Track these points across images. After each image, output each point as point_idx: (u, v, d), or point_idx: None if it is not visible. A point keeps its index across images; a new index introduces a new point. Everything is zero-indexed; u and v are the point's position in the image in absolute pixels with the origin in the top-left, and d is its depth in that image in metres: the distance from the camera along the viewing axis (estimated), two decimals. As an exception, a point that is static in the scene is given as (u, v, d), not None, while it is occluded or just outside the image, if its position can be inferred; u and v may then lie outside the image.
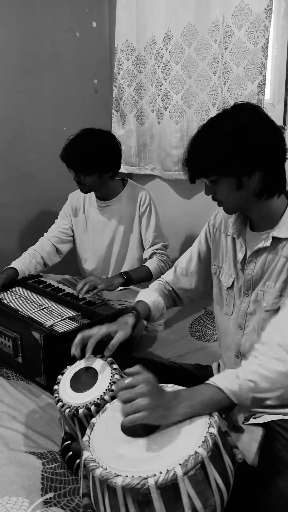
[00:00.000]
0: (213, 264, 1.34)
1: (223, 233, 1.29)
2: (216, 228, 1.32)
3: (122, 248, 2.07)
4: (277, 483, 0.93)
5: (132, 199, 2.02)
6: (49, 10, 2.39)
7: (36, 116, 2.45)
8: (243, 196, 1.09)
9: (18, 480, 1.20)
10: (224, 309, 1.30)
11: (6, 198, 2.41)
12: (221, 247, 1.30)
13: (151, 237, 2.02)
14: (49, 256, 2.07)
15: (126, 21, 2.49)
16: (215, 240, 1.32)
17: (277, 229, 1.11)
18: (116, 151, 1.93)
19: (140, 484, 0.75)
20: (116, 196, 2.03)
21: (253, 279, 1.18)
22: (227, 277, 1.27)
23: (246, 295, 1.21)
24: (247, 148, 1.03)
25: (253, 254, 1.17)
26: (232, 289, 1.25)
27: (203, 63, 2.21)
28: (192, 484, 0.77)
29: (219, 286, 1.32)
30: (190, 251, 1.42)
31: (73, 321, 1.60)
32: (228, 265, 1.27)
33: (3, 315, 1.68)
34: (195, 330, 2.06)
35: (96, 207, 2.06)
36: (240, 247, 1.21)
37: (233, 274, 1.25)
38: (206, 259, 1.38)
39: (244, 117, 1.06)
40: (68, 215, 2.11)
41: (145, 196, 2.01)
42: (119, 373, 1.15)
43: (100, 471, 0.80)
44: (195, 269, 1.40)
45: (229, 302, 1.27)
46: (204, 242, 1.37)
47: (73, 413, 1.08)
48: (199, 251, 1.39)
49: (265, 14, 1.84)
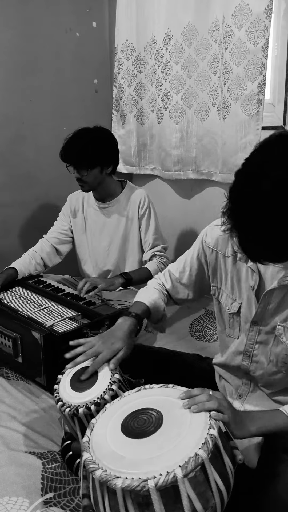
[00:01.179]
0: (212, 285, 1.26)
1: (220, 254, 1.20)
2: (212, 249, 1.22)
3: (120, 250, 2.07)
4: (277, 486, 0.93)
5: (131, 201, 2.02)
6: (49, 10, 2.39)
7: (36, 116, 2.45)
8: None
9: (18, 480, 1.20)
10: (227, 331, 1.23)
11: (6, 198, 2.41)
12: (219, 268, 1.21)
13: (151, 239, 2.03)
14: (49, 257, 2.07)
15: (126, 21, 2.49)
16: (211, 260, 1.24)
17: None
18: (114, 144, 1.95)
19: (140, 486, 0.75)
20: (115, 198, 2.03)
21: (269, 312, 1.09)
22: (229, 301, 1.19)
23: (256, 324, 1.13)
24: None
25: (280, 288, 1.05)
26: (238, 315, 1.17)
27: (203, 63, 2.21)
28: (192, 486, 0.77)
29: (219, 307, 1.25)
30: (184, 261, 1.34)
31: (73, 321, 1.60)
32: (231, 288, 1.18)
33: (3, 315, 1.68)
34: (195, 330, 2.06)
35: (94, 208, 2.07)
36: (251, 273, 1.11)
37: (238, 299, 1.16)
38: (198, 275, 1.31)
39: None
40: (67, 216, 2.12)
41: (145, 199, 2.01)
42: (119, 372, 1.15)
43: (100, 472, 0.80)
44: (187, 282, 1.34)
45: (233, 325, 1.20)
46: (196, 260, 1.29)
47: (73, 412, 1.08)
48: (191, 266, 1.31)
49: (265, 14, 1.84)
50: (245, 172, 0.84)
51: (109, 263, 2.09)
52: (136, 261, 2.07)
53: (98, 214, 2.06)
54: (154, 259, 2.00)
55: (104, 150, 1.88)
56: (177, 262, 1.38)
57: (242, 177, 0.84)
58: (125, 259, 2.08)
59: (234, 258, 1.15)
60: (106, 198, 2.03)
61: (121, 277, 1.90)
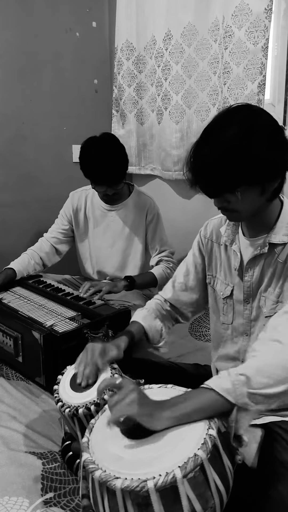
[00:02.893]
0: (208, 274, 1.33)
1: (216, 243, 1.28)
2: (208, 239, 1.30)
3: (123, 254, 2.07)
4: (277, 487, 0.93)
5: (138, 207, 2.03)
6: (49, 10, 2.39)
7: (36, 116, 2.45)
8: (261, 202, 1.04)
9: (18, 480, 1.20)
10: (222, 318, 1.28)
11: (6, 198, 2.41)
12: (214, 257, 1.29)
13: (158, 245, 2.04)
14: (48, 256, 2.07)
15: (126, 21, 2.49)
16: (207, 250, 1.31)
17: (273, 234, 1.09)
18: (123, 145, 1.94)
19: (139, 486, 0.75)
20: (122, 202, 2.03)
21: (253, 286, 1.17)
22: (223, 286, 1.25)
23: (247, 302, 1.20)
24: (276, 151, 0.97)
25: (250, 261, 1.15)
26: (231, 298, 1.24)
27: (203, 63, 2.21)
28: (191, 486, 0.77)
29: (214, 296, 1.31)
30: (185, 264, 1.38)
31: (73, 321, 1.60)
32: (224, 274, 1.25)
33: (4, 315, 1.68)
34: (195, 330, 2.06)
35: (100, 209, 2.06)
36: (235, 255, 1.19)
37: (230, 283, 1.23)
38: (204, 271, 1.35)
39: (257, 118, 0.99)
40: (68, 214, 2.11)
41: (153, 205, 2.03)
42: (118, 372, 1.15)
43: (100, 473, 0.80)
44: (194, 283, 1.37)
45: (227, 311, 1.26)
46: (199, 254, 1.34)
47: (73, 413, 1.08)
48: (195, 264, 1.35)
49: (265, 14, 1.84)
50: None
51: (109, 265, 2.09)
52: (137, 266, 2.07)
53: (103, 215, 2.06)
54: (161, 264, 2.02)
55: (125, 157, 1.86)
56: (178, 269, 1.41)
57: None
58: (127, 263, 2.08)
59: (226, 246, 1.23)
60: (115, 201, 2.02)
61: (125, 280, 1.91)
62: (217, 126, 1.00)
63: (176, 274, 1.41)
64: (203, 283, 1.37)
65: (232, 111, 1.01)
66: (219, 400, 0.86)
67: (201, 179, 1.02)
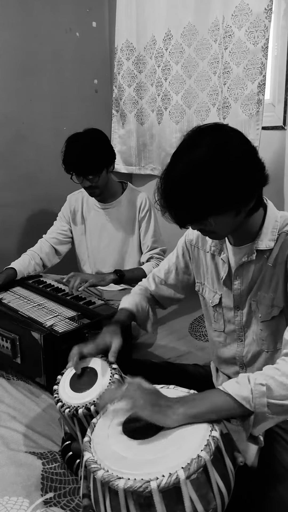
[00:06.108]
0: (196, 281, 1.33)
1: (201, 250, 1.27)
2: (193, 246, 1.29)
3: (120, 252, 2.07)
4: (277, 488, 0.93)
5: (132, 203, 2.03)
6: (49, 10, 2.39)
7: (36, 116, 2.45)
8: (238, 221, 1.03)
9: (18, 480, 1.20)
10: (213, 325, 1.29)
11: (6, 198, 2.41)
12: (201, 264, 1.29)
13: (150, 242, 2.04)
14: (48, 257, 2.07)
15: (126, 21, 2.49)
16: (194, 257, 1.30)
17: (259, 241, 1.09)
18: (109, 141, 1.97)
19: (142, 487, 0.75)
20: (116, 199, 2.04)
21: (242, 292, 1.17)
22: (211, 294, 1.25)
23: (238, 308, 1.20)
24: (246, 174, 0.95)
25: (238, 269, 1.15)
26: (220, 306, 1.23)
27: (203, 63, 2.21)
28: (194, 487, 0.77)
29: (204, 303, 1.31)
30: (168, 262, 1.40)
31: (73, 321, 1.60)
32: (212, 282, 1.25)
33: (1, 316, 1.68)
34: (195, 330, 2.06)
35: (95, 209, 2.07)
36: (222, 264, 1.19)
37: (218, 291, 1.23)
38: (184, 273, 1.36)
39: (223, 139, 0.96)
40: (66, 216, 2.11)
41: (146, 201, 2.02)
42: (118, 373, 1.15)
43: (102, 473, 0.80)
44: (173, 282, 1.39)
45: (217, 318, 1.26)
46: (182, 258, 1.35)
47: (72, 413, 1.08)
48: (177, 265, 1.37)
49: (265, 14, 1.84)
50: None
51: (108, 264, 2.09)
52: (135, 263, 2.08)
53: (98, 215, 2.06)
54: (152, 261, 2.02)
55: (104, 149, 1.88)
56: (161, 265, 1.43)
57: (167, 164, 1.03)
58: (124, 261, 2.09)
59: (212, 254, 1.22)
60: (107, 199, 2.03)
61: (114, 274, 1.90)
62: (185, 148, 0.99)
63: (159, 269, 1.43)
64: (181, 284, 1.39)
65: (199, 132, 0.99)
66: (235, 406, 0.86)
67: (171, 207, 1.01)
